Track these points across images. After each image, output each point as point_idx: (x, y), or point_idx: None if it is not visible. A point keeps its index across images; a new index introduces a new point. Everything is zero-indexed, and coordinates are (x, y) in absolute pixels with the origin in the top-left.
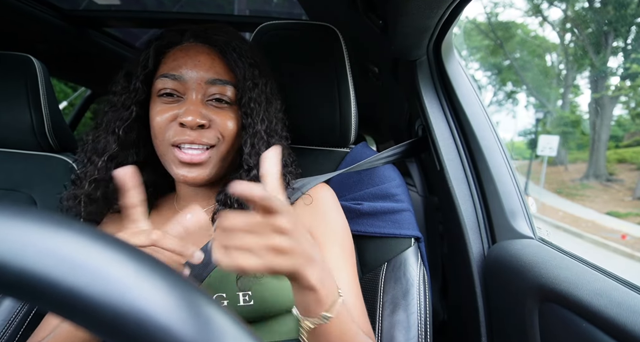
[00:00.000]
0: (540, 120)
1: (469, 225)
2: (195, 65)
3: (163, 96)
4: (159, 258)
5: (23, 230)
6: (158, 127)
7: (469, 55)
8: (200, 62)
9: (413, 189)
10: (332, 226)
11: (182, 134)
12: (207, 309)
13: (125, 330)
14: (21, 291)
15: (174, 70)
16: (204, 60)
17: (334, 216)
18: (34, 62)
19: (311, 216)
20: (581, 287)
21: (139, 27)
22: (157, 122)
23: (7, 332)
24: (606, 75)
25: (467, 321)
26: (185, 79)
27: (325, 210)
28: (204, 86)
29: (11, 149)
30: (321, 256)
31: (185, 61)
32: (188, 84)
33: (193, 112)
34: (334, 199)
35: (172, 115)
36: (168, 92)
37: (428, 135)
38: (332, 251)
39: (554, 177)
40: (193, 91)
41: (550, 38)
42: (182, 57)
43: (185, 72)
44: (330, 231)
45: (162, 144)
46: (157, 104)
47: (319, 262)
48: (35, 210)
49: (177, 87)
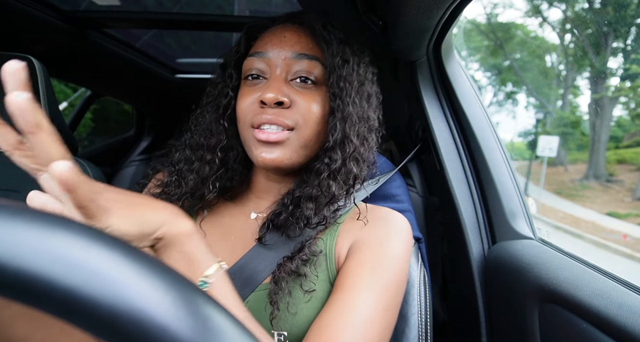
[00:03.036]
0: (540, 121)
1: (469, 225)
2: (281, 40)
3: (249, 78)
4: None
5: (19, 229)
6: (241, 110)
7: (468, 55)
8: (285, 37)
9: (413, 190)
10: (387, 256)
11: (261, 113)
12: (206, 307)
13: (122, 330)
14: (17, 291)
15: (259, 48)
16: (290, 35)
17: (397, 249)
18: (33, 62)
19: (368, 235)
20: (581, 288)
21: (139, 27)
22: (240, 106)
23: None
24: (606, 76)
25: (467, 321)
26: (269, 55)
27: (390, 235)
28: (288, 62)
29: None
30: None
31: (271, 39)
32: (272, 61)
33: (273, 89)
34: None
35: (255, 97)
36: (253, 73)
37: (428, 136)
38: (363, 275)
39: (554, 178)
40: (277, 68)
41: (550, 39)
42: (269, 36)
43: (269, 48)
44: (380, 259)
45: (243, 127)
46: (243, 87)
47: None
48: (31, 209)
49: (262, 66)
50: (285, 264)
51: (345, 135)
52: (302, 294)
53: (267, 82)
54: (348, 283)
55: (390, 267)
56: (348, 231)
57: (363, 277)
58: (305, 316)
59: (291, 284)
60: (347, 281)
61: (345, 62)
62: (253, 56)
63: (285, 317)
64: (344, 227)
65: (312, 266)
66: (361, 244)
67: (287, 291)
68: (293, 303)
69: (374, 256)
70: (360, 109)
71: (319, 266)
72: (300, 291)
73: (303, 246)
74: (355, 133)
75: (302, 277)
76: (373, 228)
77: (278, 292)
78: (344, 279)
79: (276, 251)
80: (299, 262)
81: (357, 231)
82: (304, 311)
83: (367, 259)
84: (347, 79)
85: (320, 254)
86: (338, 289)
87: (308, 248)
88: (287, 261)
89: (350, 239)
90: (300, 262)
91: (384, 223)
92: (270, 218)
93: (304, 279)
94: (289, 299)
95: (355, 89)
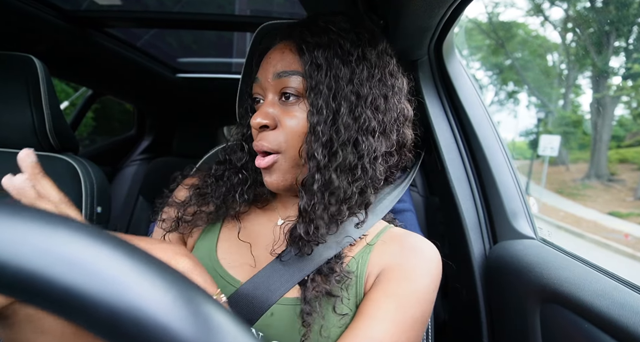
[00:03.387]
0: (542, 120)
1: (470, 225)
2: (267, 63)
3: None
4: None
5: (20, 228)
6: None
7: (470, 54)
8: (270, 59)
9: (414, 189)
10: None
11: (255, 139)
12: (206, 306)
13: (123, 329)
14: (18, 290)
15: (257, 73)
16: (274, 56)
17: (425, 282)
18: (35, 62)
19: (400, 262)
20: (583, 288)
21: (140, 27)
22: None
23: None
24: (608, 75)
25: (468, 321)
26: (260, 80)
27: (422, 266)
28: (273, 84)
29: (12, 149)
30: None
31: (262, 63)
32: (261, 84)
33: (260, 113)
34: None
35: None
36: (255, 97)
37: (429, 136)
38: (387, 308)
39: (556, 177)
40: (267, 91)
41: (552, 38)
42: (263, 59)
43: (260, 73)
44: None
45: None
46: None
47: None
48: (31, 208)
49: (259, 90)
50: (317, 282)
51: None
52: (334, 317)
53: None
54: (372, 312)
55: (417, 303)
56: (381, 255)
57: (388, 310)
58: (337, 340)
59: (325, 306)
60: (371, 310)
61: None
62: (254, 82)
63: (317, 339)
64: (377, 250)
65: (345, 287)
66: (390, 273)
67: (322, 314)
68: (326, 327)
69: (401, 289)
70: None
71: (351, 288)
72: (332, 314)
73: (333, 265)
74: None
75: (335, 298)
76: (404, 257)
77: (311, 313)
78: (369, 307)
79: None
80: (333, 282)
81: (388, 257)
82: (337, 334)
83: (394, 291)
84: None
85: (352, 275)
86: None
87: (340, 268)
88: (318, 279)
89: (381, 263)
90: (335, 282)
91: (415, 254)
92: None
93: (337, 300)
94: (322, 322)
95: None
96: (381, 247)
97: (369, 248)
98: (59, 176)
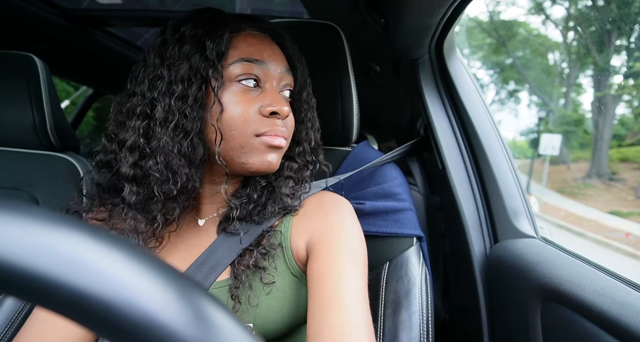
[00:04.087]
0: (543, 119)
1: (471, 224)
2: (274, 52)
3: (242, 82)
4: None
5: (23, 228)
6: (243, 118)
7: (471, 53)
8: (276, 51)
9: (415, 188)
10: (348, 240)
11: (272, 124)
12: (206, 306)
13: (124, 329)
14: (21, 290)
15: (255, 55)
16: (278, 50)
17: (352, 229)
18: (35, 61)
19: (322, 224)
20: (584, 287)
21: (140, 26)
22: (242, 113)
23: (9, 332)
24: (609, 73)
25: (469, 320)
26: (269, 67)
27: (342, 221)
28: (282, 76)
29: (13, 148)
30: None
31: (265, 48)
32: (270, 73)
33: (281, 101)
34: (352, 211)
35: (259, 106)
36: (252, 78)
37: (430, 134)
38: (345, 266)
39: (557, 176)
40: (274, 80)
41: (553, 36)
42: (258, 44)
43: (267, 59)
44: (346, 246)
45: (241, 136)
46: (238, 93)
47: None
48: (35, 207)
49: (260, 74)
50: (244, 258)
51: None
52: (262, 286)
53: (270, 94)
54: (328, 272)
55: (355, 242)
56: (300, 221)
57: (342, 274)
58: (267, 305)
59: (251, 278)
60: (326, 270)
61: (306, 84)
62: (252, 62)
63: (247, 309)
64: (296, 218)
65: (271, 258)
66: (319, 232)
67: (248, 284)
68: (254, 296)
69: (337, 238)
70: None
71: (278, 258)
72: (260, 284)
73: (261, 239)
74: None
75: (261, 270)
76: (323, 215)
77: (239, 286)
78: (323, 279)
79: (240, 237)
80: (257, 256)
81: (310, 221)
82: (265, 302)
83: (334, 243)
84: (311, 95)
85: (278, 247)
86: (320, 280)
87: (267, 240)
88: (246, 255)
89: (305, 230)
90: (259, 256)
91: (331, 206)
92: (230, 212)
93: (263, 272)
94: (249, 293)
95: (313, 105)
96: (301, 214)
97: (289, 218)
98: (59, 175)
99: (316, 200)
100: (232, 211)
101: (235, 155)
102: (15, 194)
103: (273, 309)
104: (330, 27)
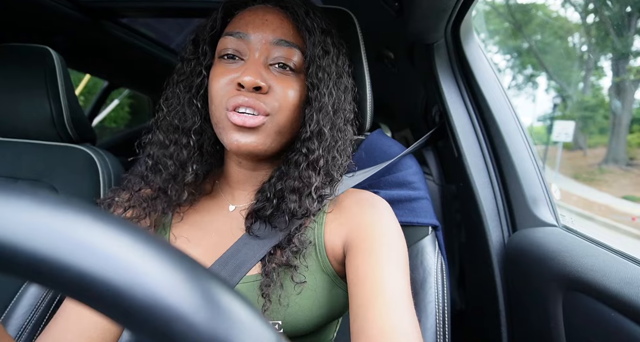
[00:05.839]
0: (558, 105)
1: (488, 213)
2: (263, 23)
3: (224, 58)
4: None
5: (39, 214)
6: (215, 90)
7: (488, 38)
8: (267, 21)
9: (429, 178)
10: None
11: (238, 96)
12: (225, 297)
13: (138, 317)
14: (34, 273)
15: (238, 28)
16: (272, 19)
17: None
18: (51, 53)
19: (360, 222)
20: (609, 276)
21: (154, 17)
22: (215, 86)
23: (33, 317)
24: (629, 57)
25: (486, 310)
26: (250, 38)
27: (381, 219)
28: (268, 47)
29: (33, 140)
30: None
31: (253, 19)
32: (252, 44)
33: (252, 72)
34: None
35: (231, 78)
36: (230, 52)
37: (445, 122)
38: (387, 263)
39: (572, 163)
40: (256, 51)
41: (573, 19)
42: (250, 16)
43: (250, 30)
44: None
45: (217, 109)
46: (217, 67)
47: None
48: (52, 195)
49: (240, 47)
50: (276, 255)
51: (323, 125)
52: (292, 285)
53: (245, 65)
54: (370, 269)
55: (395, 239)
56: (335, 219)
57: (383, 269)
58: (298, 305)
59: (282, 276)
60: (368, 267)
61: (325, 53)
62: (232, 35)
63: (277, 309)
64: (330, 216)
65: (302, 257)
66: (358, 230)
67: (279, 283)
68: (285, 295)
69: (378, 235)
70: (337, 100)
71: (309, 257)
72: (291, 283)
73: (292, 237)
74: (331, 124)
75: (292, 268)
76: (361, 214)
77: (270, 284)
78: (364, 265)
79: (264, 241)
80: (289, 254)
81: (346, 219)
82: (296, 301)
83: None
84: (326, 70)
85: (310, 245)
86: (361, 277)
87: (297, 239)
88: (277, 252)
89: (342, 228)
90: (291, 254)
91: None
92: (254, 210)
93: (294, 270)
94: (280, 292)
95: (334, 80)
96: (336, 212)
97: (322, 215)
98: (77, 166)
99: (353, 198)
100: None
101: (218, 132)
102: (36, 185)
103: (303, 309)
104: (343, 13)
